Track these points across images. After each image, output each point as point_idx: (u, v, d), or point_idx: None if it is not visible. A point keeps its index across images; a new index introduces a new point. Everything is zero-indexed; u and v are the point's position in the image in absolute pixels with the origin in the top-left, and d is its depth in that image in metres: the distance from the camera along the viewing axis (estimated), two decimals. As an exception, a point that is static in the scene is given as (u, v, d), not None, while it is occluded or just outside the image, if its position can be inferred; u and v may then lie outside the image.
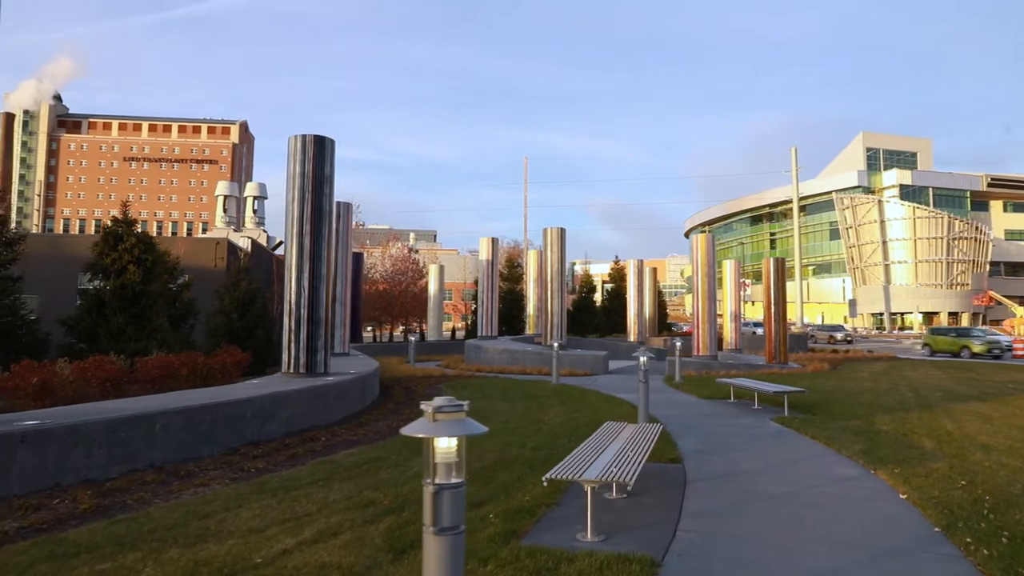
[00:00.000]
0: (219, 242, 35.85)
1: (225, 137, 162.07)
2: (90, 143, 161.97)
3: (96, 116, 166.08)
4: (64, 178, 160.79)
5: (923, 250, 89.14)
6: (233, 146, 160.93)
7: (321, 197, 12.70)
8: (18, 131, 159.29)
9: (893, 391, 16.29)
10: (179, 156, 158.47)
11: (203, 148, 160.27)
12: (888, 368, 24.68)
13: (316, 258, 12.54)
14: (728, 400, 14.87)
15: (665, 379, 19.94)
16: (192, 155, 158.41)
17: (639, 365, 10.75)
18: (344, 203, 19.83)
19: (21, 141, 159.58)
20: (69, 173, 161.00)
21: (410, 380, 19.28)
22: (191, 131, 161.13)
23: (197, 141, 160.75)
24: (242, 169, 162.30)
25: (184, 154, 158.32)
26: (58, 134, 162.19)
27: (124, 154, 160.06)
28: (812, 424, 10.95)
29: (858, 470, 7.78)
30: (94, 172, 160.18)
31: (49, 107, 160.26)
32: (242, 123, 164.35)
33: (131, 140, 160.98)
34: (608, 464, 5.90)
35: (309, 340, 12.39)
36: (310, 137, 12.73)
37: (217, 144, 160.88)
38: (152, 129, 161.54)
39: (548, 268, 25.04)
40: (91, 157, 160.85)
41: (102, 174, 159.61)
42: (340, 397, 11.67)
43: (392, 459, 8.17)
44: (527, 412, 12.50)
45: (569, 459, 6.12)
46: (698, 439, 9.92)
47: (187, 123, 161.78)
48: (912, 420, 11.39)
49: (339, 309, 18.99)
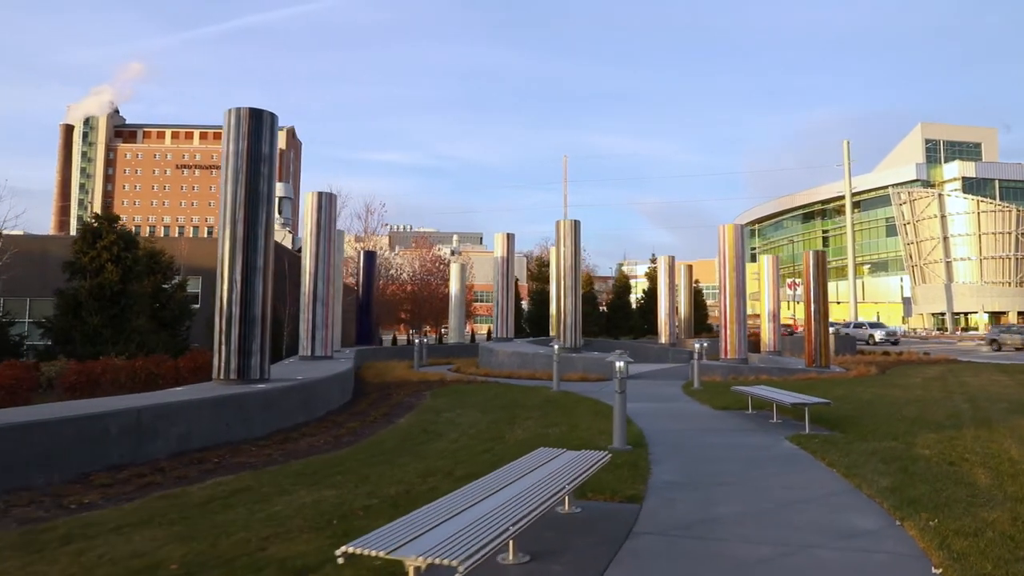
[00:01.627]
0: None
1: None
2: (145, 152, 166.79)
3: (150, 125, 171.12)
4: (120, 186, 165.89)
5: (988, 246, 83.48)
6: (280, 152, 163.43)
7: (257, 178, 11.05)
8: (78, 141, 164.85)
9: (946, 401, 13.75)
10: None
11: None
12: (944, 372, 21.84)
13: (251, 247, 10.88)
14: (745, 411, 12.68)
15: (684, 385, 17.74)
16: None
17: (615, 371, 8.75)
18: (327, 194, 18.26)
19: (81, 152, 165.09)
20: (125, 181, 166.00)
21: (400, 386, 17.59)
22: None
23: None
24: (289, 174, 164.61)
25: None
26: (115, 144, 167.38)
27: (177, 162, 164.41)
28: (834, 445, 8.73)
29: (879, 519, 5.63)
30: (149, 180, 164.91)
31: (107, 118, 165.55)
32: (289, 129, 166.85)
33: (183, 148, 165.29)
34: (478, 521, 3.96)
35: (242, 341, 10.73)
36: (245, 110, 11.10)
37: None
38: (203, 137, 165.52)
39: (561, 263, 23.04)
40: (146, 165, 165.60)
41: (156, 181, 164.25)
42: (268, 408, 9.97)
43: (262, 491, 6.38)
44: (493, 427, 10.58)
45: (425, 511, 4.20)
46: (682, 465, 7.85)
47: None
48: (964, 441, 9.03)
49: (320, 310, 17.40)
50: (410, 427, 10.62)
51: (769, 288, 29.67)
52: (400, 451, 8.60)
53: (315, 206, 17.73)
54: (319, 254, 17.58)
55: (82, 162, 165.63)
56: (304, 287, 17.66)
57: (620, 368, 8.69)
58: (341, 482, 6.79)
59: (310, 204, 17.74)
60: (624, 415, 8.74)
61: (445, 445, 9.00)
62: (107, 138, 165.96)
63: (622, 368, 8.68)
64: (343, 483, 6.75)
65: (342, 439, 9.58)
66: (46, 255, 24.99)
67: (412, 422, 11.13)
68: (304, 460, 7.98)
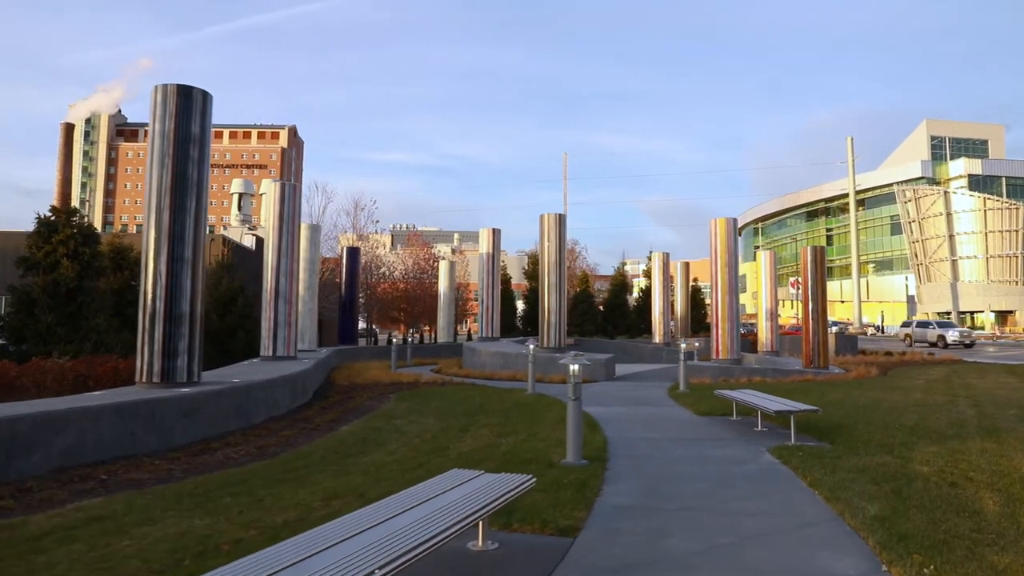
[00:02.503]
0: (213, 239, 33.91)
1: (274, 142, 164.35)
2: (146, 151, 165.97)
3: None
4: (122, 185, 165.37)
5: (995, 244, 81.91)
6: (282, 150, 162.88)
7: (185, 162, 10.01)
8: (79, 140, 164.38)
9: (949, 406, 12.62)
10: (230, 162, 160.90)
11: (253, 153, 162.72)
12: (949, 374, 20.68)
13: (176, 237, 9.85)
14: (729, 417, 11.60)
15: (670, 388, 16.64)
16: (242, 160, 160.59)
17: (568, 374, 7.69)
18: (290, 184, 17.21)
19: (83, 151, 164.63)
20: (127, 180, 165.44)
21: (368, 388, 16.53)
22: (241, 136, 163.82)
23: (247, 146, 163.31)
24: (291, 173, 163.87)
25: (235, 159, 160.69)
26: (117, 143, 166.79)
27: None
28: (820, 460, 7.64)
29: (861, 561, 4.54)
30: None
31: (108, 117, 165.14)
32: (291, 128, 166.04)
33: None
34: (341, 562, 2.92)
35: (166, 341, 9.70)
36: (172, 87, 10.06)
37: (266, 149, 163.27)
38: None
39: (546, 259, 21.95)
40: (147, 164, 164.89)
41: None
42: (190, 415, 8.92)
43: (124, 520, 5.31)
44: (442, 435, 9.51)
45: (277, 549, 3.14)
46: (641, 485, 6.77)
47: (237, 129, 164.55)
48: (969, 455, 7.92)
49: (282, 307, 16.34)
50: (350, 436, 9.56)
51: (767, 285, 28.52)
52: (323, 465, 7.54)
53: (278, 197, 16.68)
54: (282, 248, 16.53)
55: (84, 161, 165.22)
56: (266, 283, 16.62)
57: (573, 372, 7.62)
58: (227, 506, 5.74)
59: (272, 195, 16.71)
60: (579, 425, 7.66)
61: (379, 458, 7.94)
62: (109, 137, 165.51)
63: (575, 371, 7.61)
64: (228, 507, 5.69)
65: (268, 450, 8.53)
66: (4, 251, 23.99)
67: (355, 430, 10.07)
68: (203, 477, 6.93)
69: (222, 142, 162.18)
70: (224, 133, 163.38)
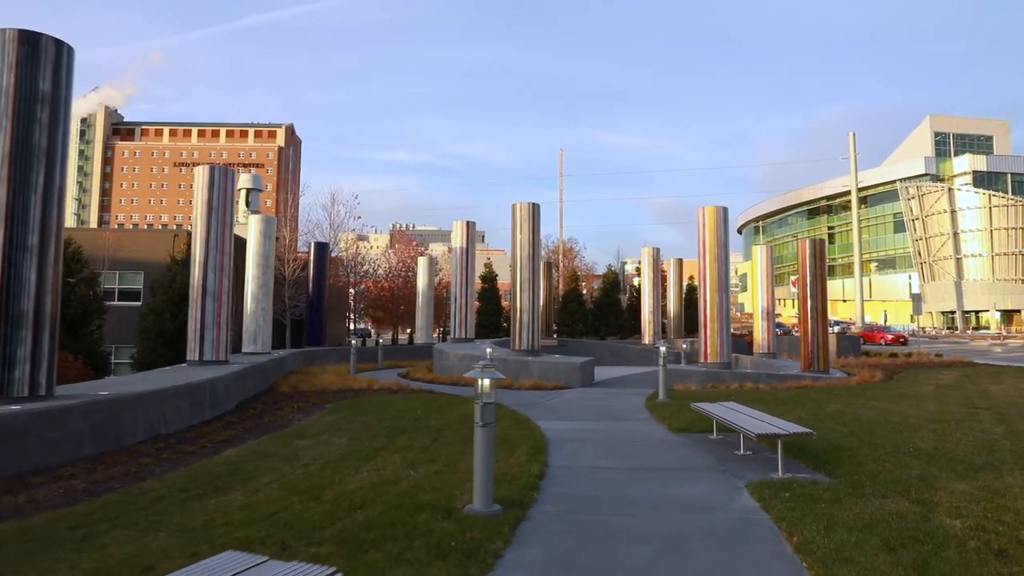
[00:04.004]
0: (177, 234, 32.00)
1: (271, 141, 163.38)
2: (143, 150, 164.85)
3: (148, 123, 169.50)
4: (119, 184, 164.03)
5: (1000, 242, 79.79)
6: (279, 149, 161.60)
7: (31, 125, 8.08)
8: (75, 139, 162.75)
9: (970, 421, 10.65)
10: (227, 160, 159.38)
11: (250, 152, 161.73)
12: (960, 378, 18.69)
13: (16, 219, 7.92)
14: (709, 435, 9.69)
15: (649, 397, 14.70)
16: (240, 159, 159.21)
17: (477, 389, 5.77)
18: (221, 168, 15.27)
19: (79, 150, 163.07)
20: (123, 180, 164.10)
21: (309, 396, 14.65)
22: (239, 135, 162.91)
23: (244, 145, 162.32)
24: (288, 172, 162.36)
25: (232, 158, 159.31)
26: (113, 142, 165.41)
27: (175, 160, 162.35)
28: (813, 504, 5.71)
29: None
30: (147, 178, 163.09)
31: (104, 116, 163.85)
32: (288, 127, 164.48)
33: (181, 146, 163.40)
34: None
35: (4, 346, 7.78)
36: (12, 32, 8.12)
37: (264, 148, 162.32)
38: (201, 135, 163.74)
39: (518, 253, 20.01)
40: (144, 163, 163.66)
41: (154, 180, 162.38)
42: (7, 440, 6.99)
43: None
44: (339, 464, 7.58)
45: None
46: (558, 551, 4.85)
47: (235, 128, 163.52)
48: (1014, 498, 5.97)
49: (210, 305, 14.40)
50: (222, 465, 7.62)
51: (763, 282, 26.57)
52: (141, 515, 5.60)
53: (206, 183, 14.74)
54: (210, 239, 14.59)
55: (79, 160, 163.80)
56: (192, 279, 14.67)
57: (483, 387, 5.69)
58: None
59: (200, 181, 14.78)
60: (488, 461, 5.73)
61: (228, 500, 6.00)
62: (105, 136, 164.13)
63: (486, 387, 5.68)
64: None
65: (97, 486, 6.61)
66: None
67: (238, 455, 8.13)
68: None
69: (219, 141, 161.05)
70: (221, 132, 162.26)
